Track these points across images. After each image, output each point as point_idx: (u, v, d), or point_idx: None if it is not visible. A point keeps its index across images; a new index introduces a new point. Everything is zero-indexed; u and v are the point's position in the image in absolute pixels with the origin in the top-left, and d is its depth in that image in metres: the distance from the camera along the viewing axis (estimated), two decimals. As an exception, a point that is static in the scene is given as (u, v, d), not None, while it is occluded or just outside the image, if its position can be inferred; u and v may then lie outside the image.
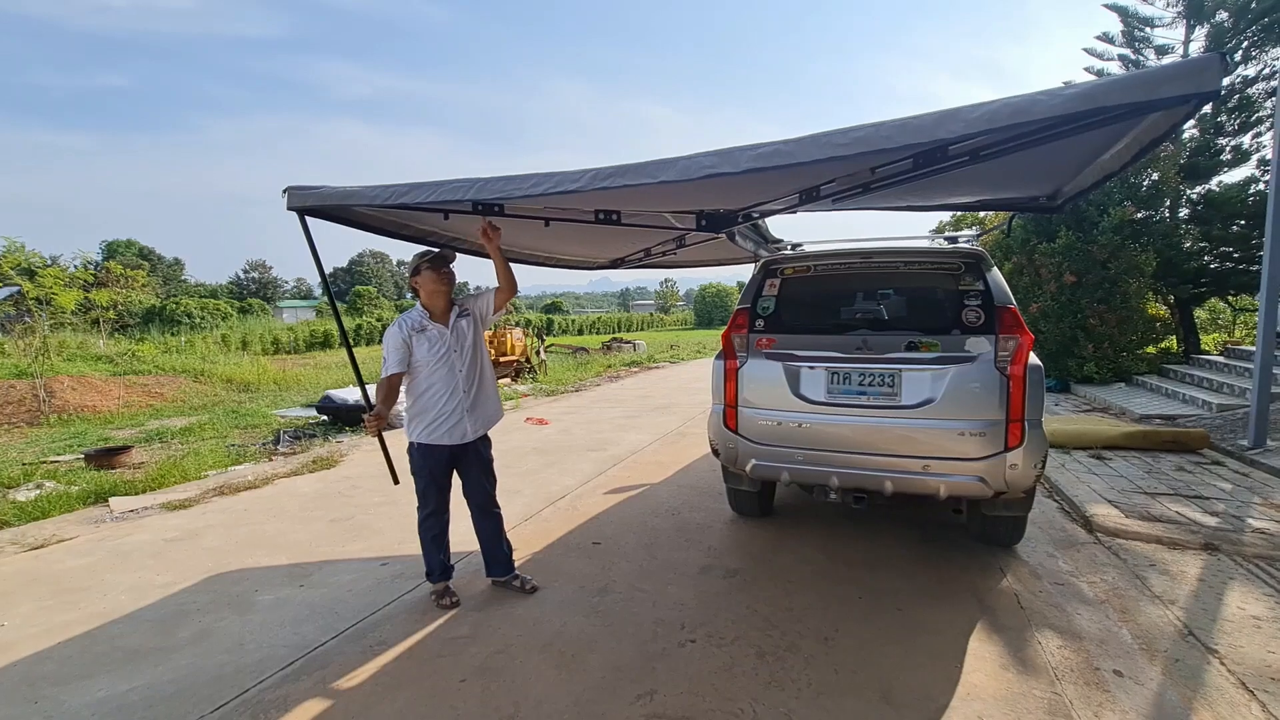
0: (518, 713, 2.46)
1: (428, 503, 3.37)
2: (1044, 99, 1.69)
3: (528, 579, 3.59)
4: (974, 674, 2.65)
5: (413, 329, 3.22)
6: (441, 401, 3.24)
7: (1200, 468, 5.56)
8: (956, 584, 3.50)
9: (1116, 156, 2.71)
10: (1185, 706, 2.42)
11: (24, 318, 15.21)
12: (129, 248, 56.51)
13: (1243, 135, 11.06)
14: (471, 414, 3.32)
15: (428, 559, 3.43)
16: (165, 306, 33.47)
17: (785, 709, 2.44)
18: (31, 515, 5.06)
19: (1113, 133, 2.38)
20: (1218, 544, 3.90)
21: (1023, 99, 1.72)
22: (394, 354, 3.22)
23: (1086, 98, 1.65)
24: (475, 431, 3.36)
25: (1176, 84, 1.59)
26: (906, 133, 1.81)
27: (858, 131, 1.86)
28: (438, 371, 3.24)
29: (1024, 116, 1.72)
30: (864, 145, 1.85)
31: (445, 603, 3.36)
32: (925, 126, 1.79)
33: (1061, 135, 2.06)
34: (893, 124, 1.84)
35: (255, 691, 2.65)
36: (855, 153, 1.86)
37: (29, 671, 2.85)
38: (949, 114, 1.78)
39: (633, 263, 5.53)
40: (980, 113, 1.75)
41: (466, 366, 3.29)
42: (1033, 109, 1.70)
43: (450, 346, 3.25)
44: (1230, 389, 8.14)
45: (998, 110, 1.73)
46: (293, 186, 2.82)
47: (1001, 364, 3.35)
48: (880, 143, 1.83)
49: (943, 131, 1.78)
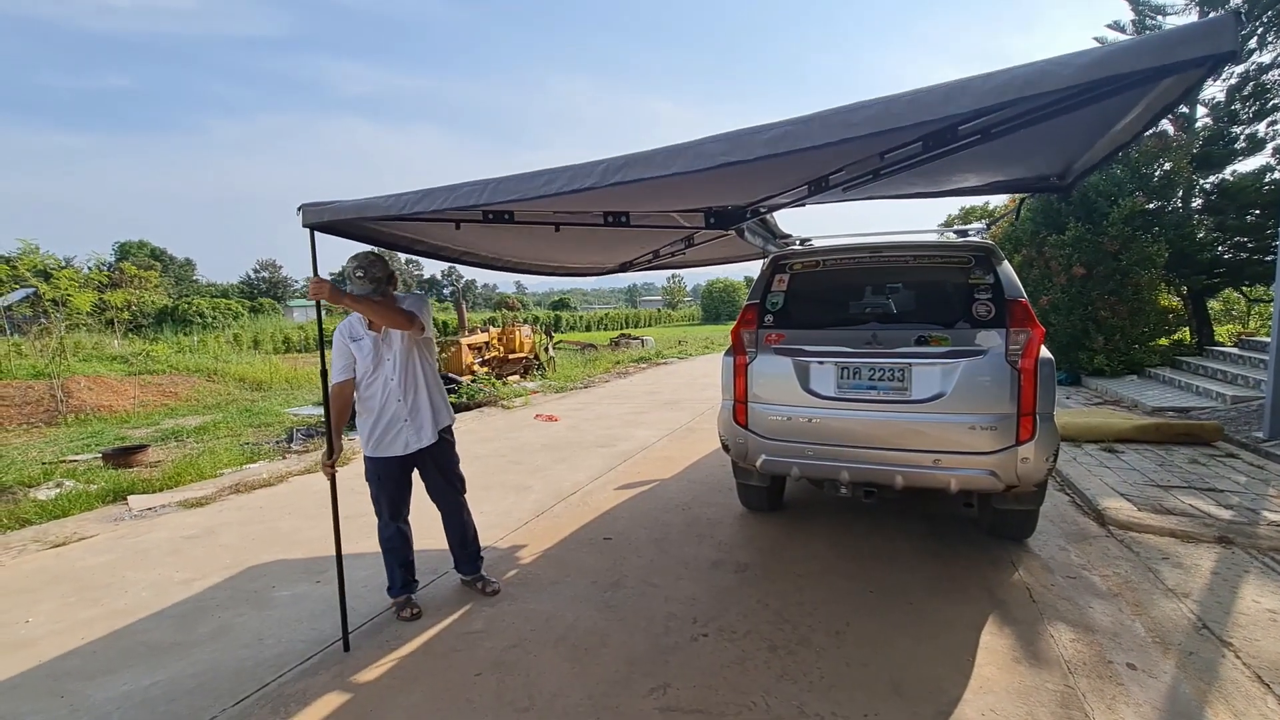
0: (532, 706, 2.50)
1: (381, 514, 3.31)
2: (1055, 68, 1.66)
3: (492, 581, 3.55)
4: (986, 667, 2.66)
5: (349, 337, 3.15)
6: (377, 412, 3.17)
7: (1214, 460, 5.52)
8: (967, 578, 3.50)
9: (1128, 127, 2.64)
10: (1200, 700, 2.42)
11: (40, 319, 15.41)
12: (141, 248, 57.07)
13: (1258, 123, 10.90)
14: (411, 423, 3.21)
15: (387, 571, 3.35)
16: (178, 306, 33.84)
17: (798, 702, 2.46)
18: (52, 514, 5.15)
19: (1125, 101, 2.32)
20: (1232, 537, 3.87)
21: (1033, 68, 1.68)
22: (337, 360, 3.14)
23: (1100, 64, 1.61)
24: (420, 440, 3.23)
25: (1192, 45, 1.55)
26: (917, 108, 1.78)
27: (869, 109, 1.83)
28: (375, 383, 3.16)
29: (1036, 88, 1.68)
30: (875, 124, 1.82)
31: (405, 615, 3.26)
32: (935, 102, 1.77)
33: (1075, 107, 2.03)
34: (903, 99, 1.81)
35: (275, 685, 2.70)
36: (866, 133, 1.84)
37: (54, 667, 2.91)
38: (958, 86, 1.75)
39: (642, 265, 5.54)
40: (991, 85, 1.71)
41: (399, 374, 3.16)
42: (1044, 80, 1.66)
43: (382, 356, 3.15)
44: (1245, 381, 8.06)
45: (1009, 81, 1.69)
46: (307, 204, 2.82)
47: (1012, 358, 3.35)
48: (891, 121, 1.81)
49: (952, 106, 1.76)
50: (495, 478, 5.91)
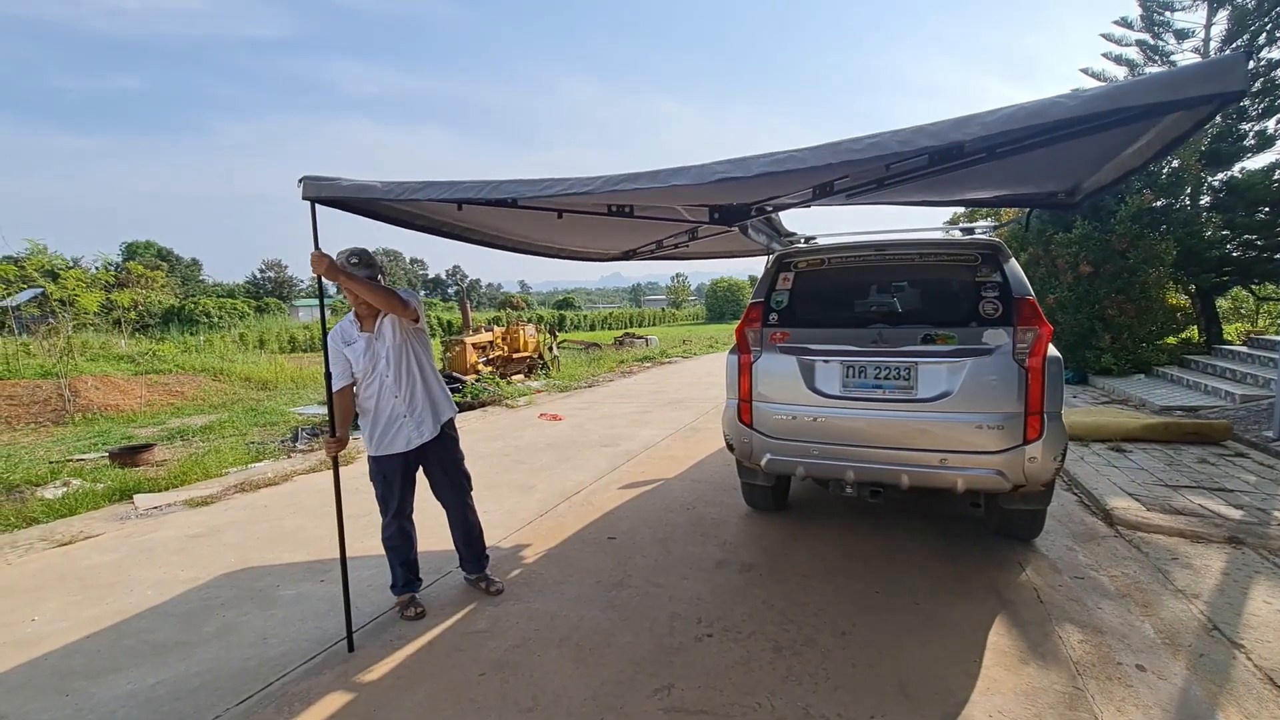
0: (537, 706, 2.49)
1: (385, 512, 3.30)
2: (1064, 100, 1.67)
3: (495, 581, 3.55)
4: (993, 668, 2.64)
5: (343, 341, 3.14)
6: (375, 410, 3.17)
7: (1223, 460, 5.47)
8: (974, 578, 3.47)
9: (1138, 153, 2.67)
10: (1210, 702, 2.39)
11: (48, 319, 15.50)
12: (148, 248, 57.42)
13: (1267, 120, 10.80)
14: (410, 418, 3.20)
15: (391, 569, 3.34)
16: (184, 306, 34.00)
17: (803, 703, 2.44)
18: (59, 512, 5.18)
19: (1134, 130, 2.34)
20: (1242, 537, 3.83)
21: (1040, 102, 1.69)
22: (334, 366, 3.12)
23: (1107, 98, 1.63)
24: (421, 435, 3.22)
25: (1201, 84, 1.56)
26: (924, 136, 1.79)
27: (876, 138, 1.85)
28: (373, 383, 3.15)
29: (1041, 119, 1.69)
30: (879, 150, 1.84)
31: (409, 614, 3.26)
32: (942, 131, 1.78)
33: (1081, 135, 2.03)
34: (908, 130, 1.82)
35: (279, 685, 2.70)
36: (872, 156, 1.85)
37: (59, 665, 2.92)
38: (965, 120, 1.76)
39: (645, 254, 5.53)
40: (997, 116, 1.72)
41: (393, 371, 3.14)
42: (1050, 111, 1.67)
43: (377, 354, 3.13)
44: (1254, 379, 7.99)
45: (1014, 114, 1.70)
46: (308, 176, 2.82)
47: (1020, 356, 3.32)
48: (896, 147, 1.82)
49: (960, 134, 1.76)
50: (499, 477, 5.90)
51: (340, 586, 3.03)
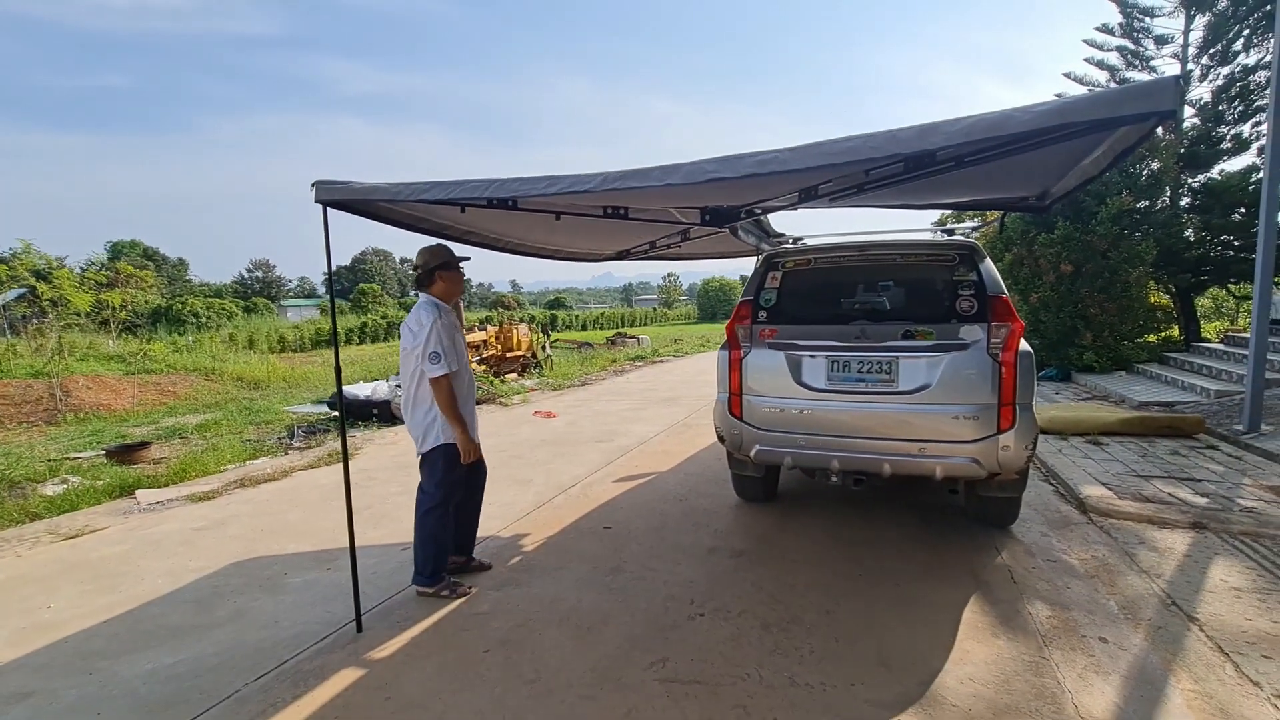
0: (539, 677, 2.64)
1: (447, 501, 3.40)
2: (1017, 114, 1.86)
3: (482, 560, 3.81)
4: (966, 640, 2.82)
5: (444, 312, 3.32)
6: (464, 396, 3.38)
7: (1195, 452, 5.70)
8: (953, 562, 3.66)
9: (1095, 162, 2.91)
10: (1165, 669, 2.58)
11: (36, 319, 15.45)
12: (133, 248, 56.81)
13: (1243, 124, 11.13)
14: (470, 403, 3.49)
15: (435, 558, 3.40)
16: (171, 306, 33.78)
17: (789, 673, 2.61)
18: (61, 508, 5.26)
19: (1089, 142, 2.56)
20: (1206, 522, 4.05)
21: (997, 115, 1.89)
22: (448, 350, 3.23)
23: (1056, 113, 1.82)
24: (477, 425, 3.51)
25: (1135, 103, 1.77)
26: (895, 143, 1.98)
27: (850, 142, 2.04)
28: (463, 369, 3.39)
29: (999, 130, 1.89)
30: (854, 155, 2.03)
31: (462, 591, 3.44)
32: (910, 138, 1.97)
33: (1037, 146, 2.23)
34: (882, 135, 2.02)
35: (293, 663, 2.83)
36: (847, 160, 2.03)
37: (80, 647, 3.04)
38: (930, 127, 1.96)
39: (638, 254, 5.70)
40: (959, 126, 1.92)
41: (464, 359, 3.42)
42: (1006, 124, 1.87)
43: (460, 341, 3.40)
44: (1229, 376, 8.26)
45: (974, 124, 1.91)
46: (320, 181, 2.97)
47: (994, 350, 3.51)
48: (869, 152, 2.01)
49: (926, 143, 1.96)
50: (496, 472, 5.99)
51: (346, 574, 3.17)
